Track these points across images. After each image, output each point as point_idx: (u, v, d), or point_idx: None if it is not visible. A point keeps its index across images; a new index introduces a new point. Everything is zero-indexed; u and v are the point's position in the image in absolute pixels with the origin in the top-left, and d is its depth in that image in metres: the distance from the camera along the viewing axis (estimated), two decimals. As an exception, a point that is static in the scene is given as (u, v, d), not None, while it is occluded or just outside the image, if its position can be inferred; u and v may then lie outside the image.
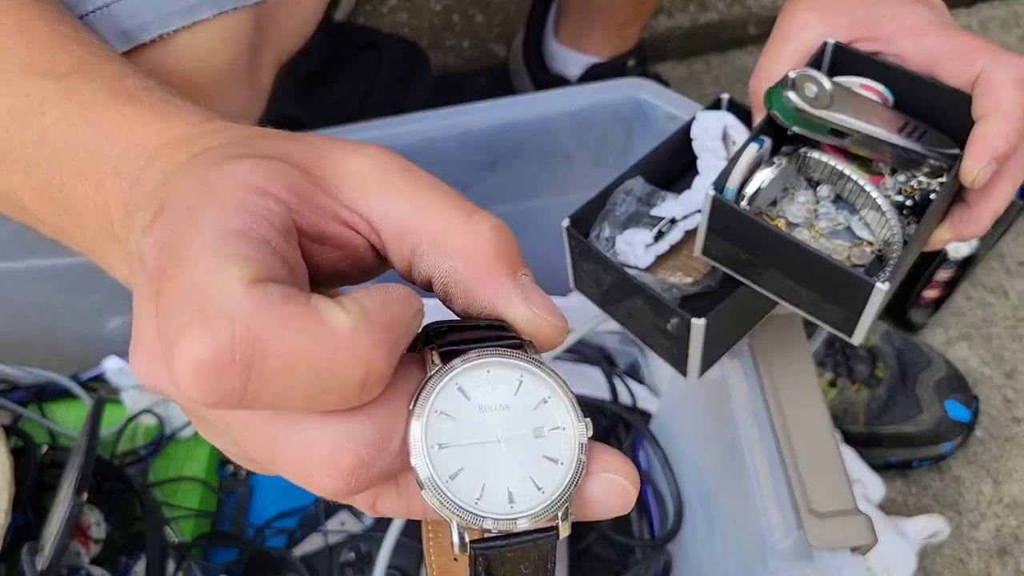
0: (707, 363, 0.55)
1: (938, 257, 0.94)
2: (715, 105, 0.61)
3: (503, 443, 0.26)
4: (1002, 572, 0.93)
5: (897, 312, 1.02)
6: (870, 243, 0.51)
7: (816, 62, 0.54)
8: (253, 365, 0.23)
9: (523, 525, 0.26)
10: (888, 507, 0.96)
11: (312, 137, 0.31)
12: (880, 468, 0.95)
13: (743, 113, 0.60)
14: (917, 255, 0.52)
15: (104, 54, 0.38)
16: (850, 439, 0.93)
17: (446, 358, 0.27)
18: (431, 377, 0.26)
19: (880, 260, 0.51)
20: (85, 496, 0.61)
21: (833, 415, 0.92)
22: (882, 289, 0.45)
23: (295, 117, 0.86)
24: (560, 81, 1.06)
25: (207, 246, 0.24)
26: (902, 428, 0.92)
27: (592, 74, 1.02)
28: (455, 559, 0.32)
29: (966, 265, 0.96)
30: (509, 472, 0.26)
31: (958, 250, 0.94)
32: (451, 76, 1.18)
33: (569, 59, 1.04)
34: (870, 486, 0.89)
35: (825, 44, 0.54)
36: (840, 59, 0.54)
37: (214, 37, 0.52)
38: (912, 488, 0.97)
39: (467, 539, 0.26)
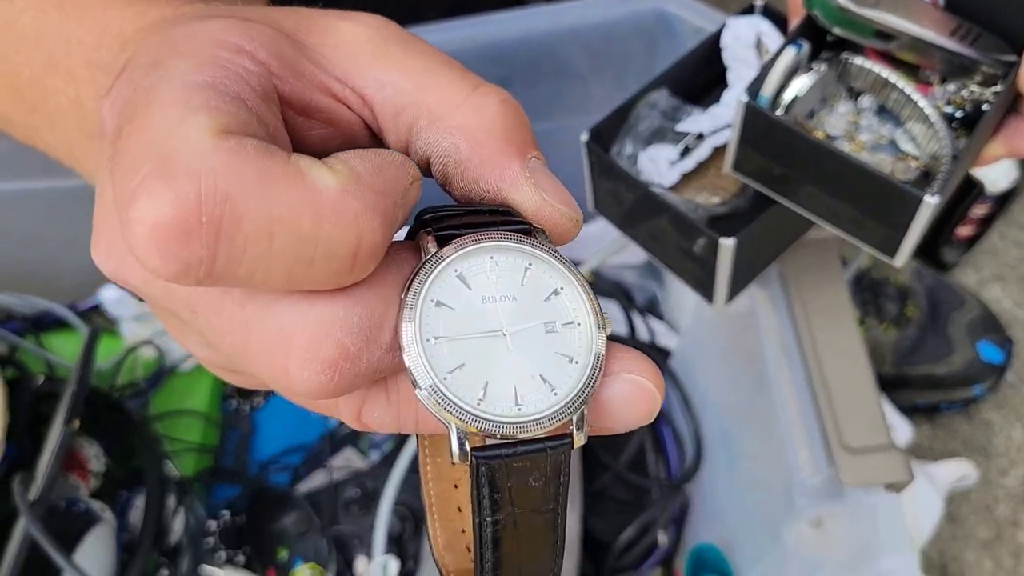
0: (735, 288, 0.51)
1: (974, 191, 0.89)
2: (748, 11, 0.57)
3: (509, 337, 0.23)
4: (1031, 519, 0.90)
5: (929, 250, 0.98)
6: (915, 158, 0.47)
7: None
8: (223, 229, 0.20)
9: (532, 431, 0.22)
10: (915, 451, 0.93)
11: (302, 8, 0.27)
12: (907, 411, 0.91)
13: (778, 19, 0.56)
14: (966, 172, 0.48)
15: None
16: (877, 381, 0.89)
17: (443, 242, 0.23)
18: (426, 262, 0.23)
19: (926, 176, 0.47)
20: (77, 424, 0.58)
21: (860, 355, 0.89)
22: (931, 203, 0.41)
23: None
24: None
25: (172, 97, 0.21)
26: (932, 370, 0.88)
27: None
28: (455, 481, 0.28)
29: (1003, 201, 0.92)
30: (516, 370, 0.23)
31: (996, 184, 0.89)
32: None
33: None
34: (897, 430, 0.86)
35: None
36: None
37: None
38: (940, 432, 0.94)
39: (468, 446, 0.22)
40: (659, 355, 0.79)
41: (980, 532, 0.89)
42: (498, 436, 0.22)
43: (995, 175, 0.88)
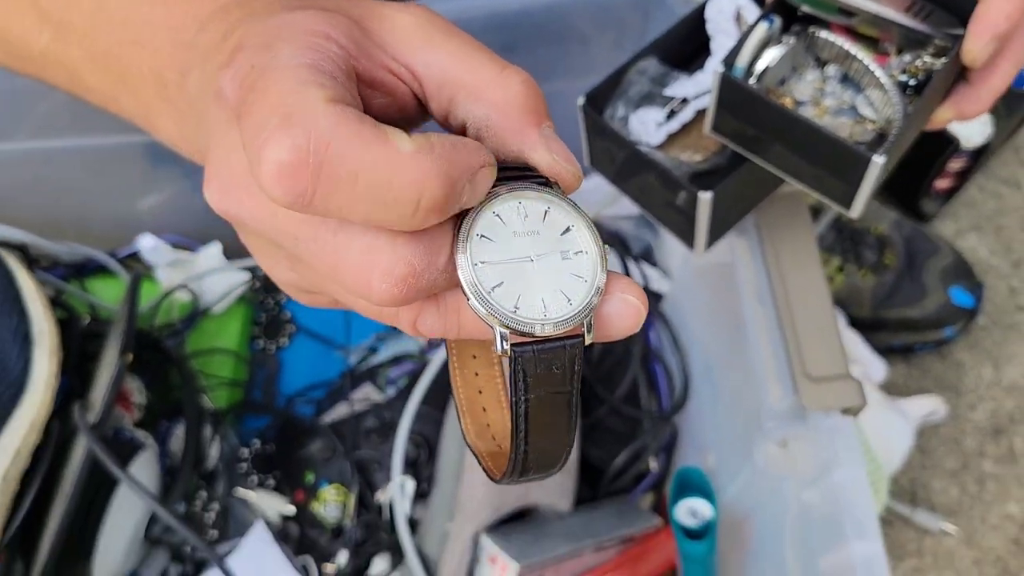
0: (714, 237, 0.58)
1: (950, 147, 0.95)
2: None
3: (535, 261, 0.30)
4: (995, 450, 0.97)
5: (908, 202, 1.04)
6: (872, 121, 0.53)
7: None
8: (323, 169, 0.26)
9: (555, 330, 0.30)
10: (890, 388, 1.00)
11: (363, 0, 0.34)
12: (884, 352, 0.98)
13: (760, -7, 0.61)
14: (918, 132, 0.54)
15: None
16: (855, 323, 0.96)
17: None
18: (472, 207, 0.30)
19: (881, 137, 0.53)
20: (130, 357, 0.65)
21: (839, 300, 0.95)
22: (878, 162, 0.47)
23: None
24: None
25: (288, 72, 0.28)
26: (906, 313, 0.95)
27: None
28: (479, 388, 0.35)
29: (978, 156, 0.98)
30: (542, 286, 0.30)
31: (970, 139, 0.95)
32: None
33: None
34: (872, 367, 0.93)
35: None
36: (852, -62, 0.55)
37: None
38: (914, 371, 1.01)
39: (507, 344, 0.29)
40: (652, 298, 0.86)
41: (948, 462, 0.96)
42: (531, 335, 0.29)
43: (969, 131, 0.93)
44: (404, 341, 0.91)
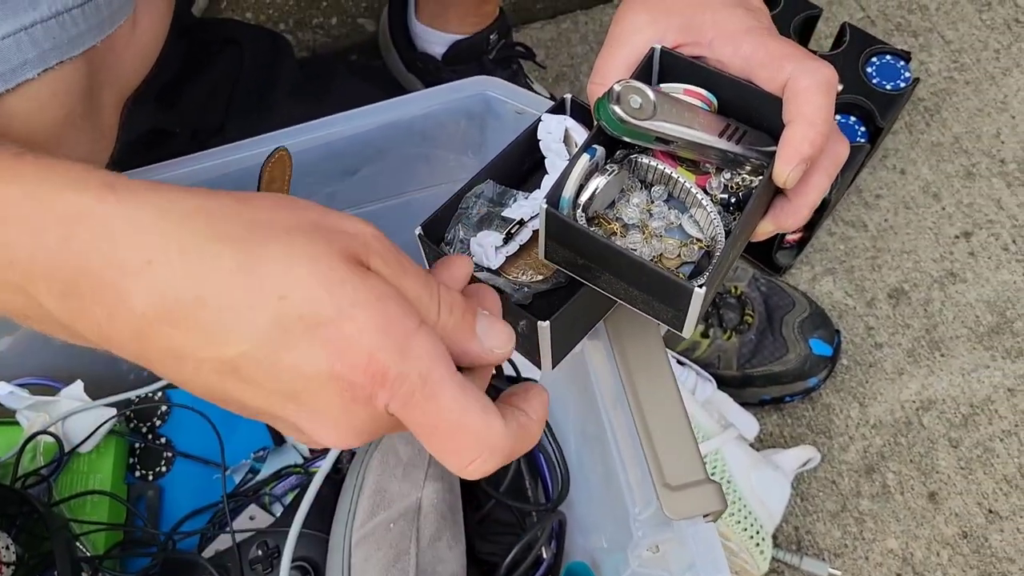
0: (558, 357, 0.59)
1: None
2: (559, 106, 0.64)
3: None
4: (870, 488, 1.01)
5: (764, 257, 1.08)
6: (699, 240, 0.55)
7: (649, 64, 0.57)
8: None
9: None
10: (767, 440, 1.03)
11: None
12: (756, 405, 1.02)
13: (585, 112, 0.63)
14: (743, 247, 0.57)
15: None
16: (726, 382, 0.99)
17: None
18: None
19: (708, 256, 0.55)
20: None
21: (707, 363, 0.99)
22: (700, 293, 0.49)
23: (161, 128, 0.86)
24: (427, 59, 1.07)
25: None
26: (771, 368, 0.98)
27: (455, 51, 1.04)
28: None
29: (821, 210, 1.02)
30: None
31: (812, 197, 0.99)
32: (320, 56, 1.18)
33: (432, 38, 1.05)
34: (745, 426, 0.96)
35: (652, 50, 0.57)
36: (668, 64, 0.57)
37: (44, 94, 0.51)
38: (787, 420, 1.05)
39: None
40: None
41: (828, 505, 1.00)
42: None
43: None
44: (285, 455, 0.90)
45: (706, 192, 0.55)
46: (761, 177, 0.55)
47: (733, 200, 0.56)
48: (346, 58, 1.21)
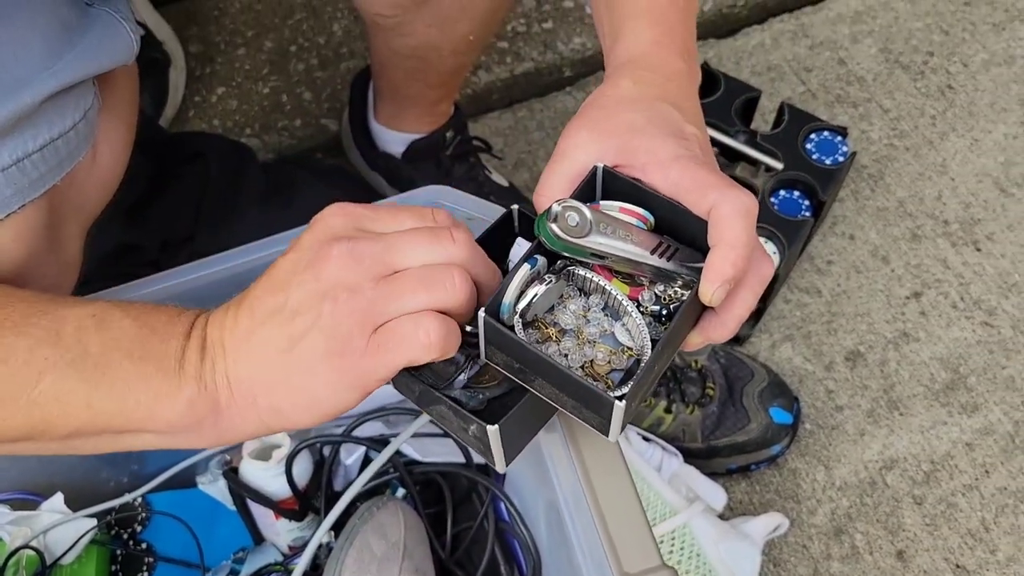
0: (510, 456, 0.62)
1: (747, 279, 1.04)
2: (507, 217, 0.68)
3: None
4: (839, 550, 1.04)
5: (722, 329, 1.12)
6: (629, 349, 0.59)
7: (592, 181, 0.61)
8: None
9: None
10: (737, 508, 1.06)
11: None
12: (724, 475, 1.05)
13: (531, 223, 0.67)
14: (671, 357, 0.60)
15: None
16: (692, 454, 1.02)
17: None
18: None
19: (638, 363, 0.59)
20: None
21: (673, 437, 1.02)
22: (620, 406, 0.53)
23: (131, 244, 0.90)
24: (388, 158, 1.11)
25: None
26: (735, 439, 1.02)
27: (413, 149, 1.09)
28: None
29: (774, 280, 1.07)
30: None
31: (762, 272, 1.03)
32: (285, 158, 1.22)
33: (391, 138, 1.10)
34: (712, 497, 0.99)
35: (595, 168, 0.61)
36: (609, 181, 0.61)
37: (6, 237, 0.54)
38: (755, 487, 1.07)
39: None
40: (492, 479, 0.90)
41: (800, 570, 1.03)
42: None
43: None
44: (265, 553, 0.92)
45: (639, 304, 0.59)
46: (690, 291, 0.59)
47: (665, 312, 0.59)
48: (311, 157, 1.26)
